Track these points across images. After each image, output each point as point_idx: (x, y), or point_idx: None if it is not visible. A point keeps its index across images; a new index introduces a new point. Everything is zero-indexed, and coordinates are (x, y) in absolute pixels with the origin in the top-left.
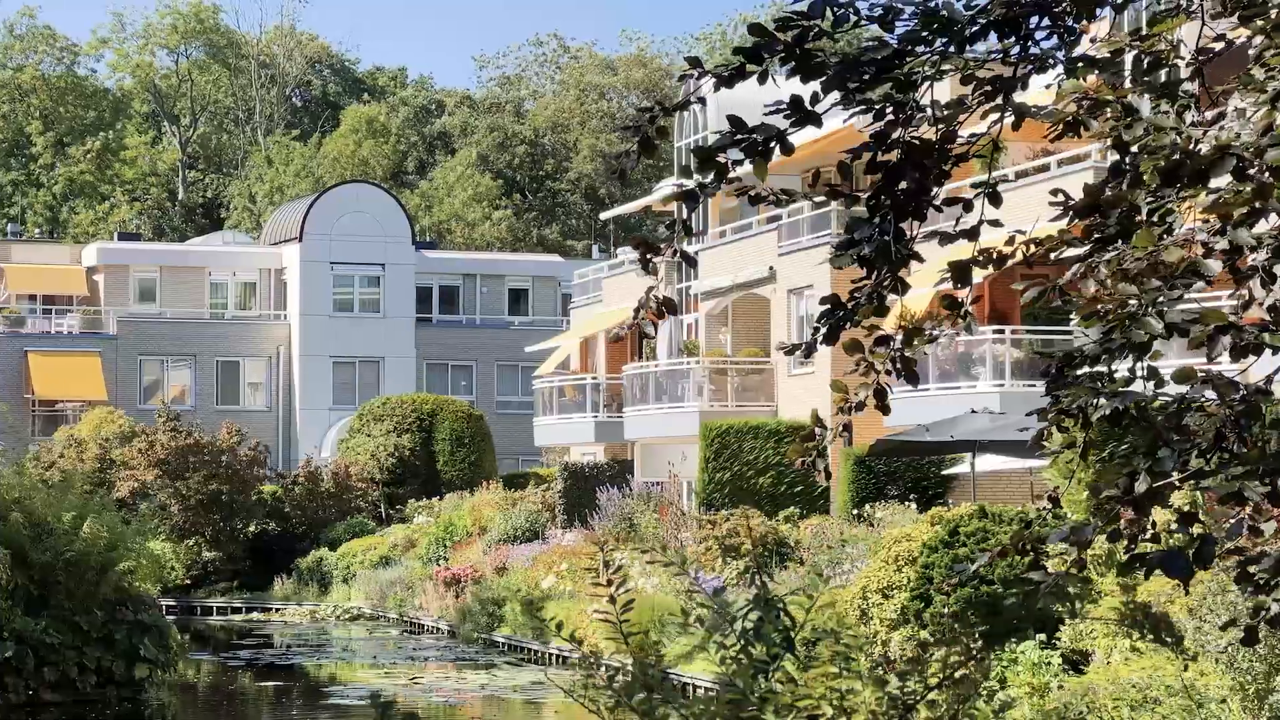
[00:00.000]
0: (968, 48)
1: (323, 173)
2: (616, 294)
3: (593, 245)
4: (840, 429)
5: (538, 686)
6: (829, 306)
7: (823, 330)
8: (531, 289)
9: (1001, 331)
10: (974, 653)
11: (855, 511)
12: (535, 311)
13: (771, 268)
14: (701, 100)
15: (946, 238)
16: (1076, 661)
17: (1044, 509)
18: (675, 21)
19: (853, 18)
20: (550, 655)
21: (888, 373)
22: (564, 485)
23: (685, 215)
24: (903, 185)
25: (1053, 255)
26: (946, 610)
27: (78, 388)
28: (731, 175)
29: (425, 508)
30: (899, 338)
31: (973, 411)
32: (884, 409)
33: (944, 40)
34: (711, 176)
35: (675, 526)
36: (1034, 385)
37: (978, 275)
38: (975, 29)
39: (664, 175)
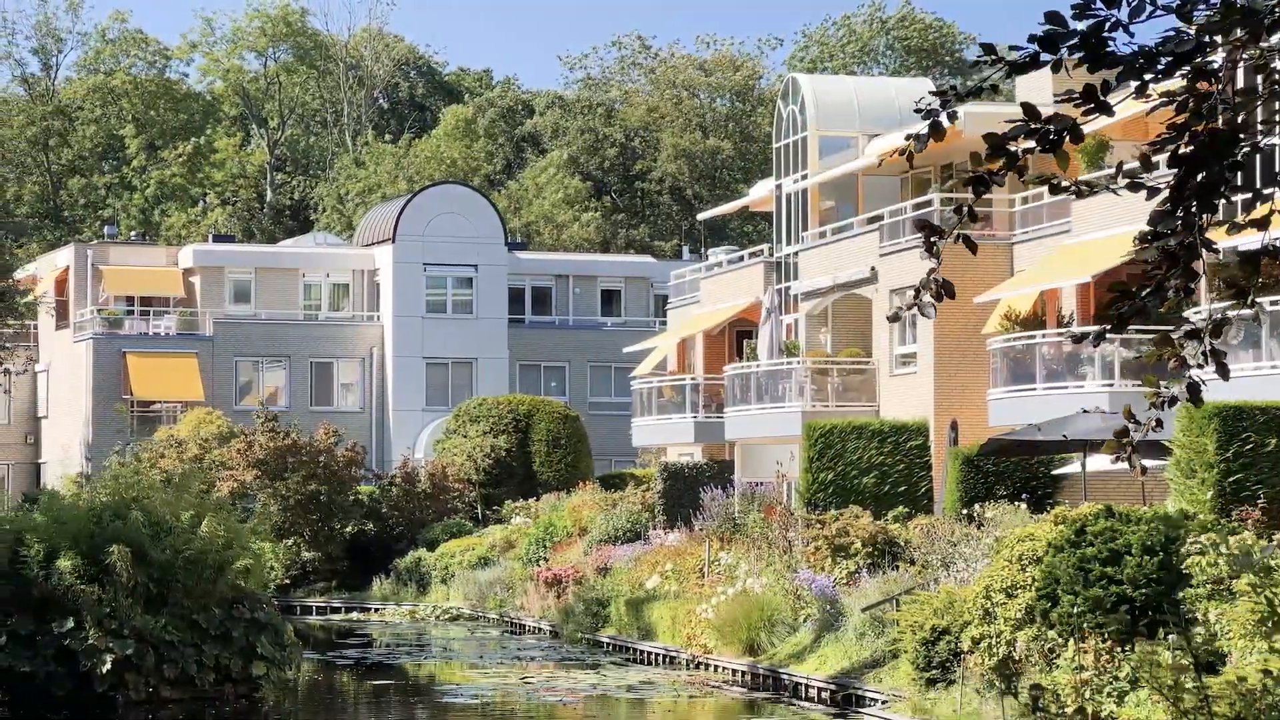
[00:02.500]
0: (1264, 37)
1: (414, 173)
2: (714, 294)
3: (682, 246)
4: (1154, 424)
5: (647, 686)
6: (1117, 295)
7: (1112, 320)
8: (624, 290)
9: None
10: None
11: (965, 511)
12: (628, 312)
13: (873, 268)
14: (995, 88)
15: (1236, 227)
16: (1212, 663)
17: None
18: (750, 23)
19: (1148, 8)
20: (655, 655)
21: (1199, 366)
22: (664, 485)
23: (972, 200)
24: (1201, 176)
25: None
26: (1075, 610)
27: (175, 388)
28: (831, 176)
29: (522, 509)
30: (1208, 330)
31: (1084, 411)
32: (1196, 402)
33: (1244, 30)
34: (1001, 164)
35: (783, 526)
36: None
37: (1085, 275)
38: (1274, 18)
39: (755, 177)
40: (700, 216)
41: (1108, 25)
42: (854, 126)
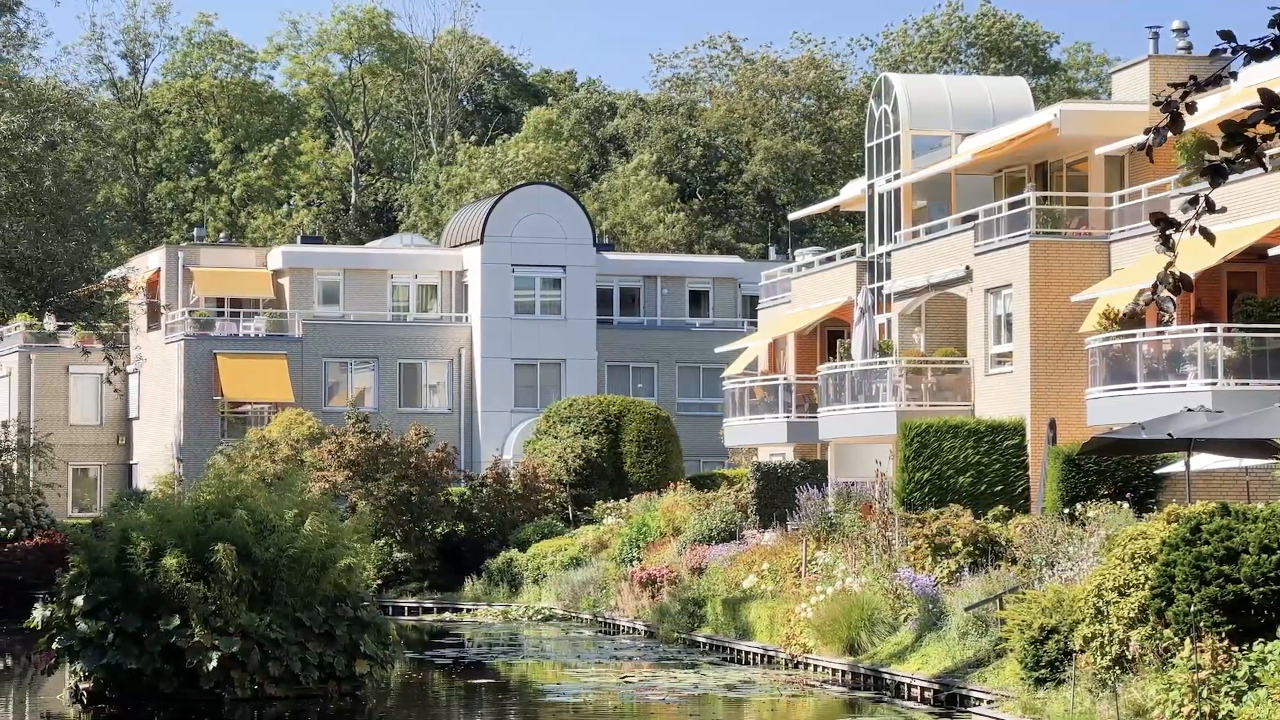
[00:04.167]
0: None
1: (509, 172)
2: (805, 294)
3: (769, 247)
4: None
5: (748, 685)
6: None
7: None
8: (712, 290)
9: (1213, 329)
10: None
11: (1066, 511)
12: (716, 313)
13: (968, 267)
14: (1234, 75)
15: None
16: None
17: None
18: (849, 23)
19: None
20: (753, 655)
21: None
22: (757, 485)
23: (1210, 190)
24: None
25: None
26: (1192, 609)
27: (265, 390)
28: (924, 175)
29: (614, 509)
30: None
31: (1189, 410)
32: None
33: None
34: (1239, 150)
35: (882, 525)
36: (1247, 384)
37: (1187, 273)
38: None
39: (839, 177)
40: (791, 217)
41: None
42: (947, 125)
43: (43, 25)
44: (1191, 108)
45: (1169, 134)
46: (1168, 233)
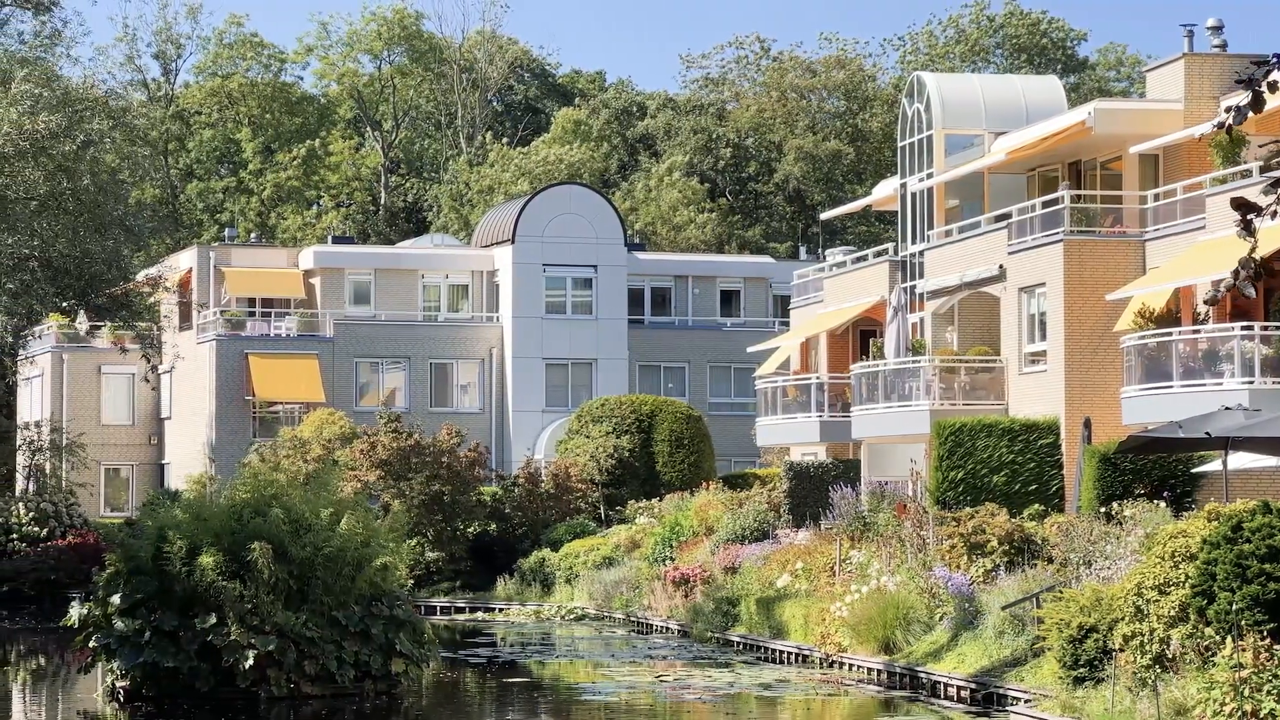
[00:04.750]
0: None
1: (541, 174)
2: (837, 294)
3: (798, 246)
4: None
5: (783, 684)
6: None
7: None
8: (743, 290)
9: (1250, 328)
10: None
11: (1102, 509)
12: (747, 312)
13: (1001, 266)
14: None
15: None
16: None
17: None
18: (876, 23)
19: None
20: (788, 654)
21: None
22: (790, 485)
23: None
24: None
25: None
26: (1233, 607)
27: (296, 390)
28: (957, 174)
29: (646, 508)
30: None
31: (1226, 408)
32: None
33: None
34: None
35: (917, 524)
36: None
37: (1223, 272)
38: None
39: (869, 176)
40: (823, 216)
41: None
42: (980, 124)
43: (80, 24)
44: (1274, 86)
45: (1250, 113)
46: (1249, 218)
